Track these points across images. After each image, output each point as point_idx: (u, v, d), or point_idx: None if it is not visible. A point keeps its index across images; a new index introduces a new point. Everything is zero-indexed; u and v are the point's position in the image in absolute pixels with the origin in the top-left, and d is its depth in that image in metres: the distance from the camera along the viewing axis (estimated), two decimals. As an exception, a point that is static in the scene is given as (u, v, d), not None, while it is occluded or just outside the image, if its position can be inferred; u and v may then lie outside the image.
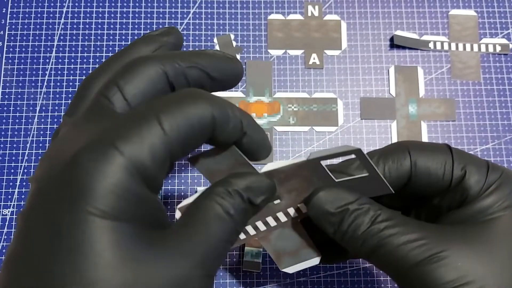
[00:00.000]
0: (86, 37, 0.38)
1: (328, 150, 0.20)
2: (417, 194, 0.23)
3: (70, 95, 0.37)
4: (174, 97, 0.17)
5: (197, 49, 0.38)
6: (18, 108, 0.37)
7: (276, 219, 0.22)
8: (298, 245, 0.23)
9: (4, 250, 0.34)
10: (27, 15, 0.39)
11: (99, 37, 0.38)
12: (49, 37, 0.38)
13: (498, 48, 0.38)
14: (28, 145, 0.36)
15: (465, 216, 0.21)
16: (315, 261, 0.23)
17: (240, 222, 0.18)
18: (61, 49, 0.38)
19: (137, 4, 0.39)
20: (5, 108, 0.37)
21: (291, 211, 0.22)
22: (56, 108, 0.37)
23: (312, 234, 0.23)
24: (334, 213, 0.21)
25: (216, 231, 0.16)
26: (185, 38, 0.39)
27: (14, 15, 0.39)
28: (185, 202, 0.20)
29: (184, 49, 0.38)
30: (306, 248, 0.23)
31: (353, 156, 0.20)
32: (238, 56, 0.38)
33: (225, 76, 0.20)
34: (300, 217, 0.23)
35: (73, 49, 0.38)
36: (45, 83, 0.37)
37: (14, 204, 0.35)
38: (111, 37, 0.38)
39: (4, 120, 0.37)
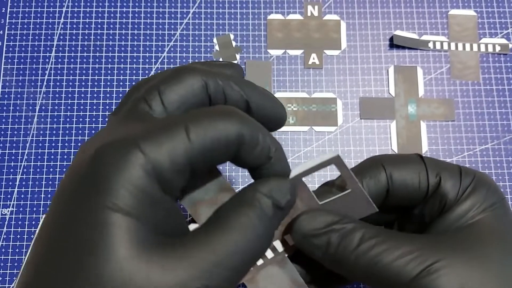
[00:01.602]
0: (86, 37, 0.38)
1: (307, 163, 0.19)
2: (397, 206, 0.22)
3: (69, 95, 0.37)
4: (207, 110, 0.17)
5: (197, 50, 0.38)
6: (17, 108, 0.37)
7: (263, 256, 0.21)
8: (288, 282, 0.21)
9: (3, 250, 0.34)
10: (26, 15, 0.39)
11: (98, 37, 0.38)
12: (49, 37, 0.38)
13: (498, 48, 0.38)
14: (27, 145, 0.36)
15: (448, 223, 0.20)
16: None
17: (266, 232, 0.17)
18: (60, 49, 0.38)
19: (136, 4, 0.39)
20: (5, 108, 0.37)
21: (278, 245, 0.21)
22: (56, 107, 0.37)
23: (306, 267, 0.22)
24: (319, 235, 0.20)
25: (234, 242, 0.16)
26: (184, 38, 0.39)
27: (14, 15, 0.39)
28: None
29: (184, 49, 0.38)
30: (296, 285, 0.21)
31: (334, 166, 0.19)
32: (237, 56, 0.38)
33: (264, 111, 0.19)
34: (287, 251, 0.21)
35: (73, 49, 0.38)
36: (45, 83, 0.37)
37: (13, 204, 0.35)
38: (110, 37, 0.38)
39: (4, 120, 0.37)
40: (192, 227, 0.18)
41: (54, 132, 0.37)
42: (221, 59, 0.38)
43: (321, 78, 0.38)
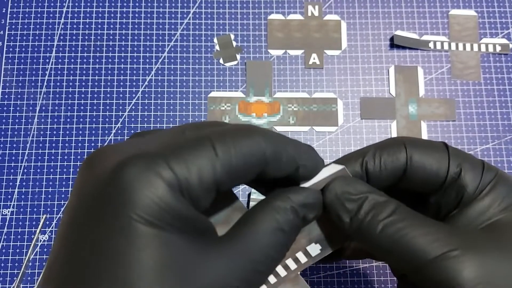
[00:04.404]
0: (86, 37, 0.38)
1: (314, 178, 0.20)
2: (412, 191, 0.22)
3: (70, 95, 0.37)
4: (231, 128, 0.17)
5: (197, 50, 0.38)
6: (18, 108, 0.37)
7: (276, 274, 0.21)
8: None
9: (4, 250, 0.34)
10: (27, 15, 0.39)
11: (99, 37, 0.38)
12: (49, 37, 0.38)
13: (498, 48, 0.38)
14: (28, 145, 0.36)
15: (468, 220, 0.20)
16: None
17: (291, 240, 0.18)
18: (61, 49, 0.38)
19: (137, 4, 0.39)
20: (5, 108, 0.37)
21: (290, 262, 0.21)
22: (56, 108, 0.37)
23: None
24: (352, 200, 0.20)
25: (265, 246, 0.17)
26: (185, 38, 0.39)
27: (14, 15, 0.39)
28: None
29: (184, 49, 0.38)
30: None
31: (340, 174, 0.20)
32: (238, 56, 0.38)
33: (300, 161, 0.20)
34: (299, 269, 0.22)
35: (73, 49, 0.38)
36: (45, 83, 0.37)
37: (14, 204, 0.35)
38: (111, 37, 0.38)
39: (4, 120, 0.37)
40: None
41: (54, 132, 0.36)
42: (221, 59, 0.38)
43: (321, 78, 0.38)
